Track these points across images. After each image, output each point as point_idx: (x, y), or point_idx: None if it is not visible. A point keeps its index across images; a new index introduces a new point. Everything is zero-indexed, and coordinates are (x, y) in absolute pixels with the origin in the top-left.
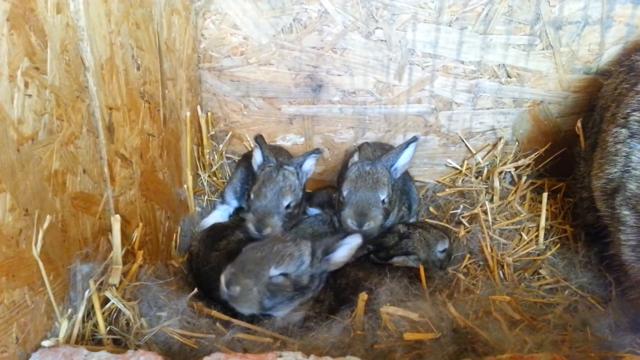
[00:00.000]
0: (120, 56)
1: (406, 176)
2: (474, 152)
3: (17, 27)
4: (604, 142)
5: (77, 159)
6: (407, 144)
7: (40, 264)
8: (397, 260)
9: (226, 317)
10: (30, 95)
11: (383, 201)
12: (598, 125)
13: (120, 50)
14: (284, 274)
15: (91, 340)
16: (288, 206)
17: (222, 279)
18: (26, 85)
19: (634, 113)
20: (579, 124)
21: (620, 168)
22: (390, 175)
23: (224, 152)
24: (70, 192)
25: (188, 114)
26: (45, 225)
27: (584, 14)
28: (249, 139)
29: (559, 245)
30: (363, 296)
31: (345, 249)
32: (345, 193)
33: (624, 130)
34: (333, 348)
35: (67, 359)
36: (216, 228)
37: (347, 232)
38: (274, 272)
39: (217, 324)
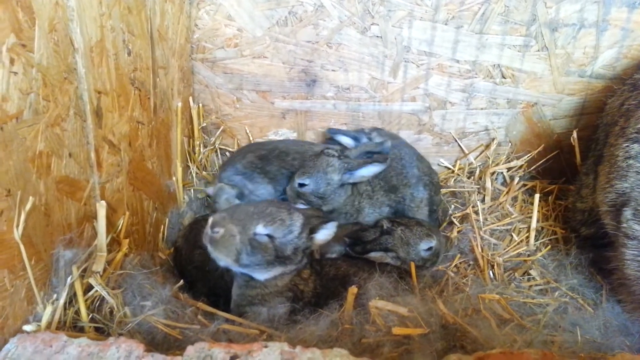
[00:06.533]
0: (111, 40)
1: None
2: (467, 152)
3: (3, 1)
4: (613, 156)
5: (63, 141)
6: (374, 162)
7: (22, 246)
8: (375, 255)
9: (212, 309)
10: (15, 73)
11: (299, 184)
12: (602, 143)
13: (111, 33)
14: (270, 236)
15: (72, 328)
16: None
17: (210, 220)
18: (12, 62)
19: None
20: (574, 134)
21: (631, 182)
22: (336, 172)
23: (215, 145)
24: (55, 175)
25: (179, 104)
26: (28, 207)
27: (580, 16)
28: (248, 132)
29: (549, 246)
30: (353, 290)
31: (323, 233)
32: None
33: (635, 146)
34: (320, 341)
35: (47, 345)
36: (199, 223)
37: (328, 218)
38: (260, 229)
39: (199, 317)
